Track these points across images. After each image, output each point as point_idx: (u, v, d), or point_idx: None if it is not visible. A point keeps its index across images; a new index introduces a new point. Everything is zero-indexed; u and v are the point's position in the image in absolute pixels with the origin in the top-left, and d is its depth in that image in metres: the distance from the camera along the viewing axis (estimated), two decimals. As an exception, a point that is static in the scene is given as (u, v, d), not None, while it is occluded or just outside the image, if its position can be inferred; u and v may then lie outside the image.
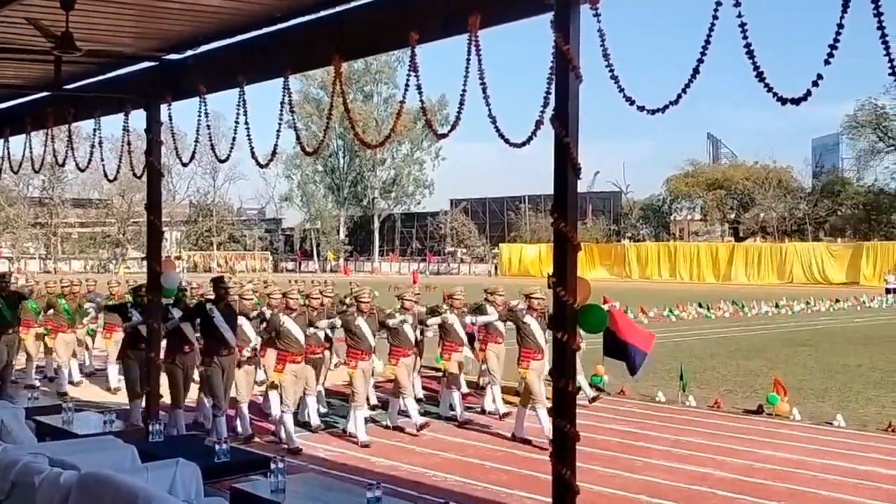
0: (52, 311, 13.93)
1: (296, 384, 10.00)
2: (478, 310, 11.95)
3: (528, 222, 76.54)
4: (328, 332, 11.27)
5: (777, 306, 33.32)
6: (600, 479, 8.52)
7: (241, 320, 10.31)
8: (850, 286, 51.45)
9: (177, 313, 10.28)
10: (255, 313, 10.89)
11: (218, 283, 10.34)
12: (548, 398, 9.44)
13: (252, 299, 10.89)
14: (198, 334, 10.37)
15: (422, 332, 11.86)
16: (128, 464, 5.63)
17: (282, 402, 9.97)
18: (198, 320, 10.21)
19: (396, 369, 10.75)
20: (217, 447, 6.59)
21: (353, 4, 6.47)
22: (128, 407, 10.96)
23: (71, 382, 13.88)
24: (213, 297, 10.36)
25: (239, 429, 10.23)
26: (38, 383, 13.87)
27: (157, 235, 9.36)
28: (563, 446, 5.31)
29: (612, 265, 67.54)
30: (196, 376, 10.62)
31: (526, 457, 9.46)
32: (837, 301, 36.45)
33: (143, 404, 10.05)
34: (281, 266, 78.84)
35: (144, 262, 9.84)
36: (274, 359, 10.45)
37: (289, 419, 9.81)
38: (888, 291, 42.76)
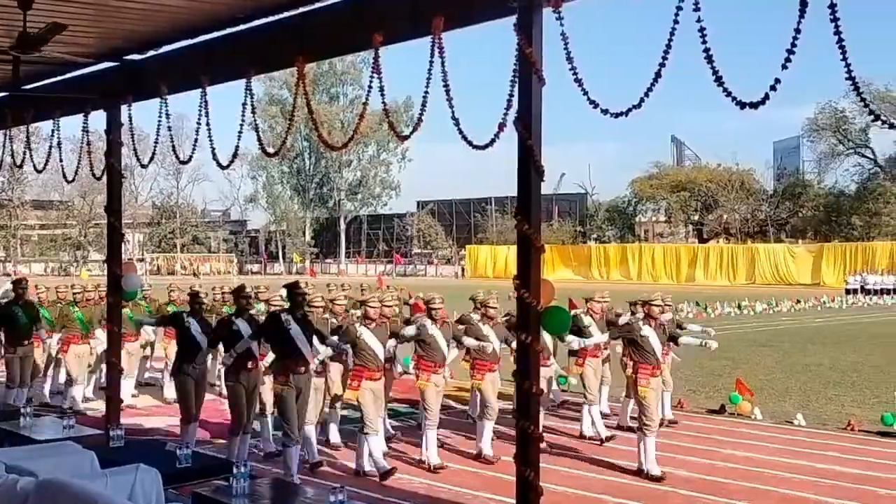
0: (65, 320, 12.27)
1: (375, 403, 8.87)
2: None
3: (494, 224, 76.74)
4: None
5: (739, 307, 33.73)
6: (564, 479, 8.56)
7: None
8: (811, 287, 52.25)
9: (242, 325, 8.68)
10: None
11: (294, 289, 8.73)
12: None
13: (322, 307, 9.58)
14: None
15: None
16: (87, 470, 5.55)
17: (364, 425, 8.70)
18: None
19: (482, 385, 9.58)
20: (179, 451, 6.52)
21: (316, 6, 6.45)
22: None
23: (86, 399, 12.40)
24: (281, 305, 9.24)
25: (305, 455, 9.00)
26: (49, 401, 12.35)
27: (117, 238, 9.25)
28: (526, 448, 5.33)
29: (577, 266, 67.97)
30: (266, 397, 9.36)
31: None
32: (799, 302, 36.98)
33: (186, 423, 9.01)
34: (246, 268, 78.25)
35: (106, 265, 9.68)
36: (338, 374, 9.51)
37: (374, 442, 8.71)
38: (848, 292, 43.46)
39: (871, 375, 16.28)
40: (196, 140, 7.11)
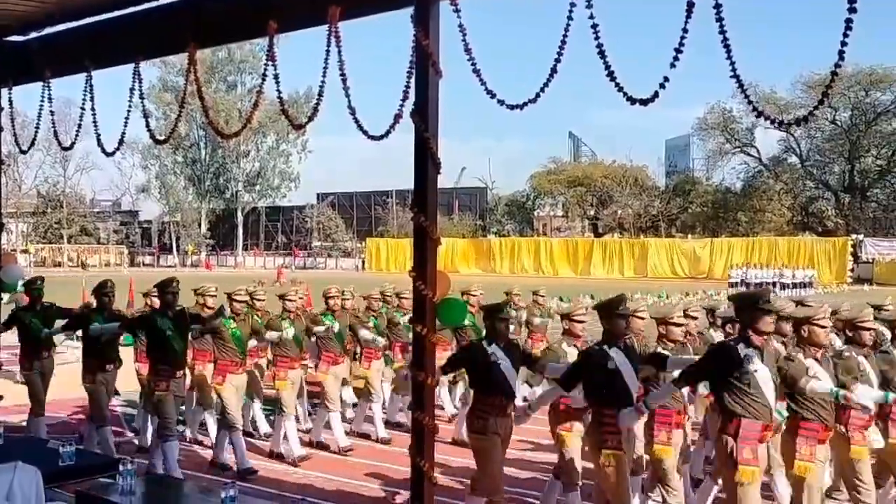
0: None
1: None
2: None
3: (395, 217, 76.68)
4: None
5: (631, 300, 34.59)
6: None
7: None
8: (699, 280, 54.24)
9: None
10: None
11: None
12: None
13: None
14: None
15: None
16: (-40, 470, 5.27)
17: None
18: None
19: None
20: (62, 449, 6.26)
21: (209, -10, 6.28)
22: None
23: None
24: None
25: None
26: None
27: (-3, 227, 8.82)
28: (421, 438, 5.35)
29: (477, 259, 68.59)
30: None
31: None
32: (687, 294, 38.28)
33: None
34: (138, 260, 75.90)
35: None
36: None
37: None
38: (732, 285, 45.27)
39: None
40: (79, 126, 6.83)
